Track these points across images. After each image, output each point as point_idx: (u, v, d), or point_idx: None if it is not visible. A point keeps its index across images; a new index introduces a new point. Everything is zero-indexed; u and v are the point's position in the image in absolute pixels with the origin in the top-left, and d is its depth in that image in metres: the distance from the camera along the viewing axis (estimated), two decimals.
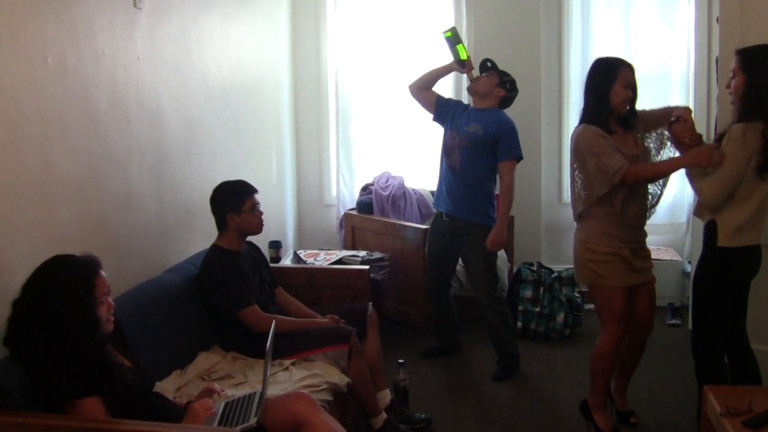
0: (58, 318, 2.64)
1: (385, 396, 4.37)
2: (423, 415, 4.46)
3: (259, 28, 6.18)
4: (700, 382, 3.81)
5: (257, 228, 4.21)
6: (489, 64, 5.14)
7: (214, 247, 4.15)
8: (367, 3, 7.03)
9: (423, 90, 5.26)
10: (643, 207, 4.08)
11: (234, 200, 4.12)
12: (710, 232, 3.77)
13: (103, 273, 2.83)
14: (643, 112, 4.16)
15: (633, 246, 4.04)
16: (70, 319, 2.66)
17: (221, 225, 4.16)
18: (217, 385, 3.32)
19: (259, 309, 4.01)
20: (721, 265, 3.79)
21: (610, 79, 3.97)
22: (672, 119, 3.99)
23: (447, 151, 5.16)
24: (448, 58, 5.16)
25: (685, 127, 3.93)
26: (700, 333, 3.90)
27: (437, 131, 5.28)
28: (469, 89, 5.22)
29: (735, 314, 3.92)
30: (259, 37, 6.15)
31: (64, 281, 2.69)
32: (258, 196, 4.20)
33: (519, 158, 5.06)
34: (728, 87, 3.77)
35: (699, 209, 3.90)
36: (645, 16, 6.70)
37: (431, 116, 5.32)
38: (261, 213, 4.20)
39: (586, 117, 4.05)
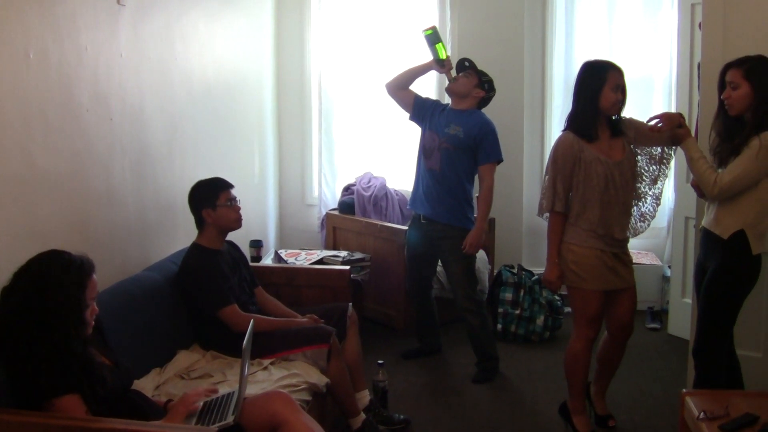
0: (46, 313, 2.63)
1: (364, 396, 4.37)
2: (402, 416, 4.46)
3: (243, 28, 6.17)
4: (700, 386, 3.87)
5: (234, 222, 4.17)
6: (467, 63, 5.12)
7: (194, 246, 4.14)
8: (351, 3, 7.03)
9: (400, 89, 5.22)
10: (622, 214, 4.08)
11: (209, 195, 4.11)
12: (740, 241, 3.73)
13: (95, 277, 2.81)
14: (641, 124, 4.13)
15: (616, 250, 4.05)
16: (59, 316, 2.64)
17: (199, 222, 4.15)
18: (217, 387, 3.32)
19: (238, 308, 4.00)
20: (754, 273, 3.81)
21: (600, 82, 3.94)
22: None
23: (426, 152, 5.13)
24: (430, 59, 5.15)
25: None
26: (711, 338, 3.89)
27: (419, 133, 5.27)
28: (447, 90, 5.19)
29: None
30: (243, 37, 6.14)
31: (58, 278, 2.68)
32: (236, 192, 4.18)
33: (499, 161, 5.06)
34: (727, 98, 3.74)
35: (718, 224, 3.83)
36: (628, 20, 6.74)
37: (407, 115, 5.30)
38: (238, 207, 4.18)
39: (573, 121, 4.04)
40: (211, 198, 4.10)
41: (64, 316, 2.66)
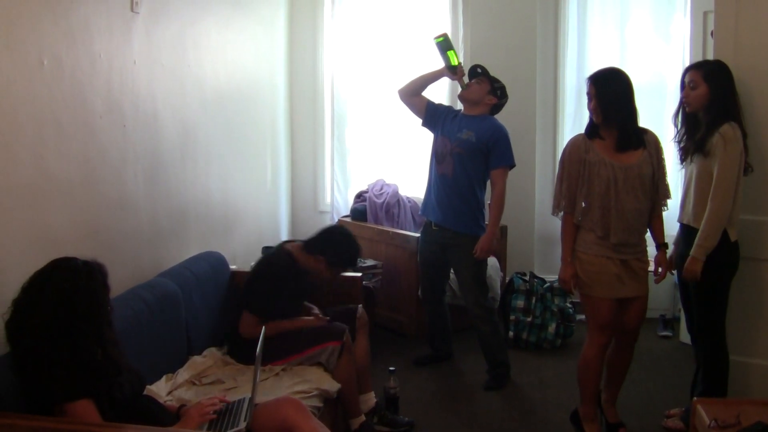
0: (76, 320, 2.65)
1: (370, 398, 4.41)
2: (406, 419, 4.49)
3: (256, 34, 6.19)
4: (707, 373, 4.16)
5: (324, 283, 4.47)
6: (479, 70, 5.11)
7: (289, 254, 4.27)
8: (364, 10, 7.04)
9: (412, 95, 5.21)
10: (621, 218, 4.02)
11: (340, 262, 4.37)
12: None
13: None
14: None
15: (624, 257, 4.04)
16: (90, 321, 2.67)
17: (312, 251, 4.30)
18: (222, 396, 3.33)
19: (259, 323, 3.99)
20: (734, 259, 4.06)
21: None
22: None
23: (438, 158, 5.12)
24: (442, 65, 5.14)
25: None
26: (709, 327, 4.13)
27: (432, 139, 5.26)
28: (460, 97, 5.18)
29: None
30: (255, 43, 6.15)
31: (84, 284, 2.71)
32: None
33: (511, 165, 5.05)
34: (686, 98, 4.05)
35: (697, 219, 4.05)
36: (640, 28, 6.71)
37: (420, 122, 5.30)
38: (338, 281, 4.47)
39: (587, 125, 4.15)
40: (338, 264, 4.34)
41: (95, 320, 2.69)
